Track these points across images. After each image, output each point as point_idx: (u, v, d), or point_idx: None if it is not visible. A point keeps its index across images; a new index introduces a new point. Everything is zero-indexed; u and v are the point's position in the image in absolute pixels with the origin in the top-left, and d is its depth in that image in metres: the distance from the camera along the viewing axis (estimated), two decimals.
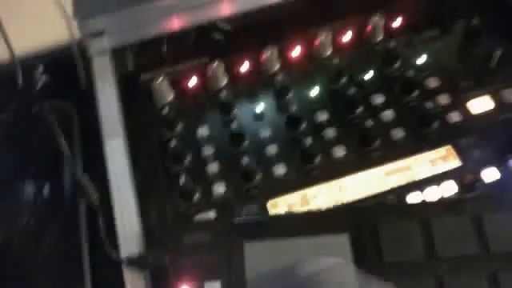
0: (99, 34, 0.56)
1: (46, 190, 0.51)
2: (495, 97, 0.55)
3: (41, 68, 0.59)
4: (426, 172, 0.51)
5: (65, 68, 0.58)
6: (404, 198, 0.49)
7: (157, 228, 0.48)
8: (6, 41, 0.56)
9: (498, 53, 0.56)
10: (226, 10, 0.59)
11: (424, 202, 0.49)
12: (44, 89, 0.58)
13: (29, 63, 0.59)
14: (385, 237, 0.42)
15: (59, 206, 0.51)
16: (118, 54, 0.59)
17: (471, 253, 0.42)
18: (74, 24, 0.56)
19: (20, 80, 0.55)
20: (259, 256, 0.42)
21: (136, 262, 0.45)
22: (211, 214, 0.49)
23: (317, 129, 0.54)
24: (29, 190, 0.51)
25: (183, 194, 0.50)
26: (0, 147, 0.54)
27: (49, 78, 0.59)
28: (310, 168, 0.52)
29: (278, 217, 0.49)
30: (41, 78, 0.58)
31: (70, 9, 0.56)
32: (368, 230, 0.43)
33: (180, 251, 0.43)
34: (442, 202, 0.49)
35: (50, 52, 0.61)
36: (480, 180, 0.50)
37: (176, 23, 0.58)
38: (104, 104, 0.54)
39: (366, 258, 0.42)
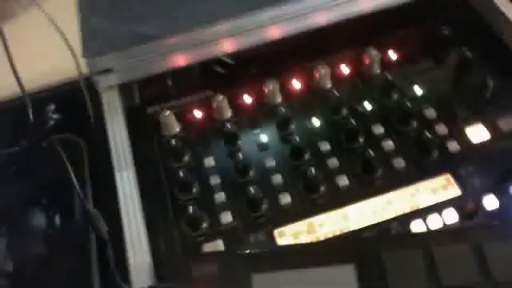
0: (107, 71, 0.58)
1: (57, 221, 0.52)
2: (492, 126, 0.57)
3: (51, 104, 0.61)
4: (427, 200, 0.52)
5: (74, 103, 0.60)
6: (407, 226, 0.51)
7: (166, 258, 0.49)
8: (17, 77, 0.58)
9: (492, 82, 0.59)
10: (228, 46, 0.60)
11: (426, 232, 0.50)
12: (54, 122, 0.60)
13: (39, 98, 0.61)
14: (389, 267, 0.43)
15: (70, 238, 0.51)
16: (125, 89, 0.60)
17: (474, 281, 0.43)
18: (82, 61, 0.57)
19: (31, 115, 0.57)
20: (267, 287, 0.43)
21: None
22: (219, 244, 0.50)
23: (320, 158, 0.55)
24: (41, 220, 0.52)
25: (191, 224, 0.51)
26: (12, 179, 0.55)
27: (59, 113, 0.61)
28: (315, 197, 0.53)
29: (285, 248, 0.50)
30: (51, 114, 0.60)
31: (76, 46, 0.58)
32: (373, 261, 0.44)
33: (189, 283, 0.44)
34: (444, 230, 0.51)
35: (59, 88, 0.63)
36: (481, 208, 0.51)
37: (180, 60, 0.60)
38: (113, 137, 0.55)
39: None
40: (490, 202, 0.51)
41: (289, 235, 0.51)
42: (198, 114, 0.60)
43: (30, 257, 0.51)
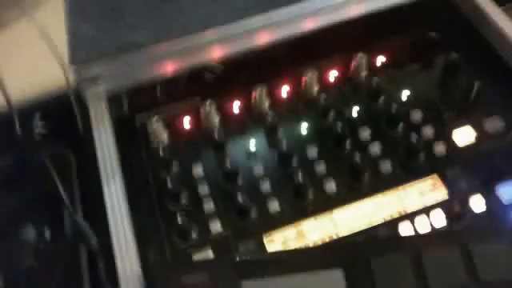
0: (95, 79, 0.58)
1: (47, 235, 0.52)
2: (478, 127, 0.57)
3: (38, 115, 0.61)
4: (415, 203, 0.53)
5: (61, 113, 0.60)
6: (395, 229, 0.51)
7: (156, 268, 0.49)
8: (3, 88, 0.58)
9: (477, 84, 0.59)
10: (216, 53, 0.61)
11: (414, 235, 0.51)
12: (42, 135, 0.60)
13: (26, 110, 0.61)
14: (378, 271, 0.44)
15: (60, 250, 0.51)
16: (113, 98, 0.60)
17: (462, 284, 0.43)
18: (70, 70, 0.57)
19: (17, 127, 0.57)
20: None
21: None
22: (209, 253, 0.50)
23: (308, 164, 0.56)
24: (30, 234, 0.52)
25: (181, 233, 0.51)
26: (1, 192, 0.55)
27: (46, 124, 0.61)
28: (304, 203, 0.53)
29: (274, 255, 0.50)
30: (38, 126, 0.60)
31: (65, 55, 0.58)
32: (361, 266, 0.44)
33: None
34: (432, 234, 0.51)
35: (46, 98, 0.63)
36: (468, 210, 0.52)
37: (169, 67, 0.60)
38: (101, 147, 0.55)
39: None
40: (478, 204, 0.52)
41: (278, 242, 0.51)
42: (186, 121, 0.60)
43: (20, 270, 0.51)
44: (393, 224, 0.52)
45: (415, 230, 0.51)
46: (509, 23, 0.61)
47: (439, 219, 0.52)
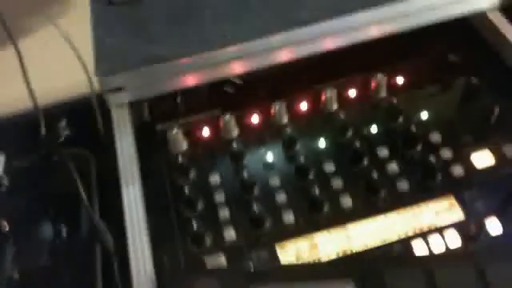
0: (119, 89, 0.59)
1: (63, 233, 0.53)
2: (496, 151, 0.57)
3: (63, 119, 0.62)
4: (430, 223, 0.53)
5: (85, 118, 0.61)
6: (409, 247, 0.51)
7: (169, 273, 0.49)
8: (31, 91, 0.59)
9: (497, 109, 0.59)
10: (238, 68, 0.62)
11: (429, 255, 0.51)
12: (65, 137, 0.61)
13: (52, 113, 0.62)
14: (390, 286, 0.44)
15: (76, 249, 0.52)
16: (135, 107, 0.62)
17: None
18: (95, 78, 0.59)
19: (43, 129, 0.58)
20: None
21: None
22: (222, 260, 0.51)
23: (324, 179, 0.56)
24: (47, 232, 0.53)
25: (195, 239, 0.52)
26: (21, 191, 0.57)
27: (70, 127, 0.62)
28: (318, 216, 0.54)
29: (286, 267, 0.50)
30: (63, 129, 0.61)
31: (89, 62, 0.59)
32: (374, 279, 0.44)
33: None
34: (446, 254, 0.51)
35: (71, 103, 0.64)
36: (484, 232, 0.51)
37: (191, 80, 0.61)
38: (121, 152, 0.56)
39: None
40: (493, 226, 0.52)
41: (291, 254, 0.51)
42: (205, 132, 0.61)
43: (36, 267, 0.52)
44: (407, 242, 0.51)
45: (429, 249, 0.51)
46: None
47: (454, 240, 0.51)
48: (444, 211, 0.53)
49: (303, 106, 0.63)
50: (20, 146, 0.62)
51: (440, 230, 0.52)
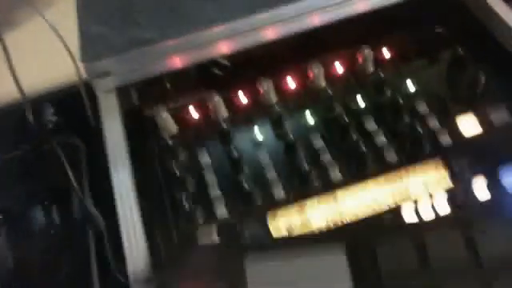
0: (105, 74, 0.59)
1: (57, 220, 0.54)
2: (484, 118, 0.58)
3: (50, 107, 0.62)
4: (419, 190, 0.53)
5: (73, 105, 0.61)
6: (399, 215, 0.52)
7: (163, 251, 0.50)
8: (17, 81, 0.59)
9: (483, 79, 0.59)
10: (224, 48, 0.62)
11: (418, 222, 0.51)
12: (54, 126, 0.61)
13: (39, 102, 0.62)
14: (380, 253, 0.44)
15: (70, 234, 0.53)
16: (123, 92, 0.62)
17: (464, 265, 0.44)
18: (81, 64, 0.59)
19: (31, 118, 0.58)
20: (261, 277, 0.44)
21: (143, 284, 0.46)
22: (215, 236, 0.51)
23: (313, 153, 0.56)
24: (41, 219, 0.53)
25: (187, 217, 0.52)
26: (14, 180, 0.57)
27: (58, 115, 0.62)
28: (308, 189, 0.54)
29: (279, 239, 0.51)
30: (51, 117, 0.61)
31: (75, 51, 0.59)
32: (365, 250, 0.45)
33: (184, 274, 0.45)
34: (435, 220, 0.51)
35: (58, 91, 0.64)
36: (472, 198, 0.52)
37: (177, 62, 0.61)
38: (111, 138, 0.56)
39: (363, 277, 0.43)
40: (482, 192, 0.52)
41: (282, 227, 0.52)
42: (194, 114, 0.61)
43: (30, 254, 0.52)
44: (396, 210, 0.52)
45: (419, 216, 0.51)
46: None
47: (443, 206, 0.52)
48: (432, 179, 0.54)
49: (291, 83, 0.63)
50: (9, 136, 0.62)
51: (429, 198, 0.52)
